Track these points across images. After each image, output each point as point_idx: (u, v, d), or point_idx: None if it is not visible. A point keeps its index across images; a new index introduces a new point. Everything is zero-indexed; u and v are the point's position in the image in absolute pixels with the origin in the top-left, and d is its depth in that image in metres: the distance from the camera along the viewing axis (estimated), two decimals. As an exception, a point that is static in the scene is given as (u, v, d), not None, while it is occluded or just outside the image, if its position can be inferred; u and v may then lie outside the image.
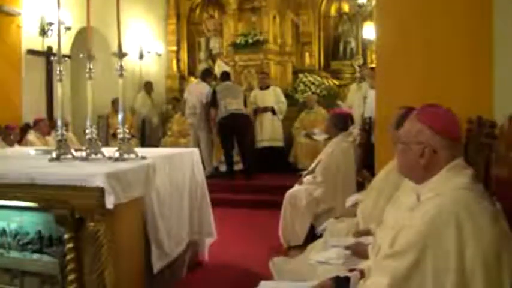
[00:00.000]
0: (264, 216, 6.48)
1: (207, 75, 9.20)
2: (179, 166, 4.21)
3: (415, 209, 1.89)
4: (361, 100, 8.37)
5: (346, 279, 2.15)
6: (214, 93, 8.53)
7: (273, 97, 9.25)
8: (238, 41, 10.25)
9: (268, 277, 3.67)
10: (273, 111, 9.18)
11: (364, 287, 2.01)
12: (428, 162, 1.89)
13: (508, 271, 1.68)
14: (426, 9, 4.06)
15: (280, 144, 9.25)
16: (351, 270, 2.22)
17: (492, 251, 1.66)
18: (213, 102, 8.51)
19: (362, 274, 2.17)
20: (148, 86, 10.82)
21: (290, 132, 9.37)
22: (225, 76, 8.87)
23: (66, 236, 2.99)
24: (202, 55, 11.94)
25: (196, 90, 8.89)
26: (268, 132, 9.17)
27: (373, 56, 8.94)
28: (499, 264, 1.67)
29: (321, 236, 3.95)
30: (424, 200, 1.86)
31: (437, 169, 1.89)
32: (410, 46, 4.12)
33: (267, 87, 9.32)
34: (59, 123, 3.63)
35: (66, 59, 3.98)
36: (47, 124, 7.41)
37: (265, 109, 9.17)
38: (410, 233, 1.76)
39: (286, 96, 9.50)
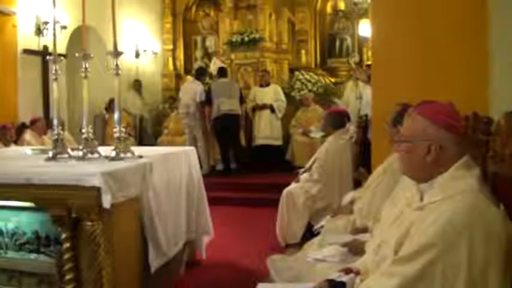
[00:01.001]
0: (261, 214, 6.49)
1: (200, 74, 9.17)
2: (176, 165, 4.20)
3: (424, 210, 1.84)
4: (357, 97, 8.40)
5: (342, 284, 2.13)
6: (209, 90, 8.52)
7: (272, 95, 9.24)
8: (234, 39, 10.23)
9: (266, 275, 3.68)
10: (272, 109, 9.18)
11: (363, 286, 1.98)
12: (436, 159, 1.84)
13: None
14: (422, 6, 4.06)
15: (279, 143, 9.25)
16: (347, 271, 2.21)
17: (504, 254, 1.64)
18: (207, 100, 8.50)
19: (357, 274, 2.16)
20: (137, 85, 10.76)
21: (287, 130, 9.38)
22: (222, 72, 8.83)
23: (63, 236, 2.99)
24: (198, 53, 11.93)
25: (190, 89, 8.85)
26: (267, 130, 9.15)
27: (369, 54, 8.96)
28: (507, 267, 1.65)
29: (318, 233, 3.96)
30: (434, 202, 1.81)
31: (446, 166, 1.84)
32: (406, 43, 4.13)
33: (267, 85, 9.32)
34: (55, 122, 3.62)
35: (62, 58, 3.96)
36: (44, 124, 7.39)
37: (264, 106, 9.16)
38: (421, 238, 1.71)
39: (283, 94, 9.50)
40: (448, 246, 1.65)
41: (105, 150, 3.61)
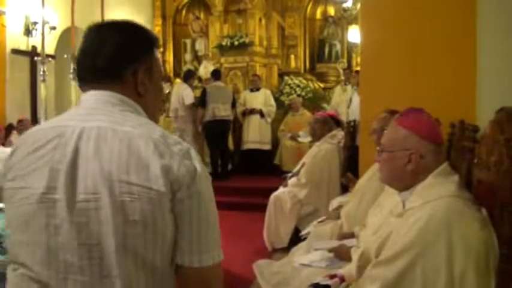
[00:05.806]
0: (248, 218, 6.48)
1: (188, 76, 9.14)
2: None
3: (403, 216, 1.87)
4: (346, 103, 8.43)
5: (327, 287, 2.14)
6: (204, 93, 8.50)
7: (262, 100, 9.25)
8: (224, 43, 10.23)
9: (252, 279, 3.68)
10: (262, 114, 9.20)
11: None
12: (416, 167, 1.88)
13: (494, 275, 1.70)
14: (411, 13, 4.09)
15: (268, 147, 9.27)
16: (332, 277, 2.22)
17: (482, 256, 1.67)
18: (202, 102, 8.47)
19: (342, 280, 2.17)
20: None
21: (275, 135, 9.39)
22: (216, 75, 8.82)
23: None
24: (188, 56, 11.91)
25: (178, 93, 8.81)
26: (256, 134, 9.16)
27: (358, 59, 8.99)
28: (487, 269, 1.68)
29: (305, 238, 3.96)
30: (413, 208, 1.85)
31: (424, 175, 1.89)
32: (394, 50, 4.15)
33: (258, 89, 9.33)
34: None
35: (50, 59, 3.94)
36: (30, 124, 7.32)
37: (253, 111, 9.18)
38: (399, 241, 1.75)
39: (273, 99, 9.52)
40: (426, 248, 1.69)
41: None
